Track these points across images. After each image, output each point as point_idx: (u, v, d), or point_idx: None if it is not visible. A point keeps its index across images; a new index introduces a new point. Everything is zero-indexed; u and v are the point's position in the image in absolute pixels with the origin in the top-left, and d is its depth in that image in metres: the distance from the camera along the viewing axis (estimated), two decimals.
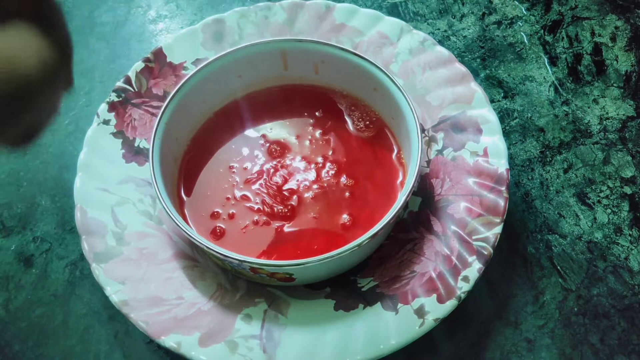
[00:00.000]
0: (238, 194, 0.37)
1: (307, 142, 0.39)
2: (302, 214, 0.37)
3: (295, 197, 0.37)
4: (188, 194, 0.38)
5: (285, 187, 0.37)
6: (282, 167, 0.38)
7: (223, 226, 0.36)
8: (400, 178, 0.38)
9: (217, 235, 0.36)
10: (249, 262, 0.32)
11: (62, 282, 0.38)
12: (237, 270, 0.34)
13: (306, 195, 0.37)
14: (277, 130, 0.40)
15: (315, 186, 0.37)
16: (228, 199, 0.37)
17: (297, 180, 0.38)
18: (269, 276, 0.33)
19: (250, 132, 0.40)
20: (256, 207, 0.37)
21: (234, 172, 0.38)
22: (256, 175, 0.38)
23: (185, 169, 0.38)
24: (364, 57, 0.37)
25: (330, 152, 0.39)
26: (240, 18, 0.43)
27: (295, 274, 0.33)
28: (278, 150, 0.39)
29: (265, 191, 0.37)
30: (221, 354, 0.32)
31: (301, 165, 0.38)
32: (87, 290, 0.37)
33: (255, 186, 0.38)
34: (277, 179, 0.38)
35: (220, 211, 0.37)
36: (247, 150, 0.39)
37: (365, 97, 0.40)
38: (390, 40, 0.42)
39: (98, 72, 0.46)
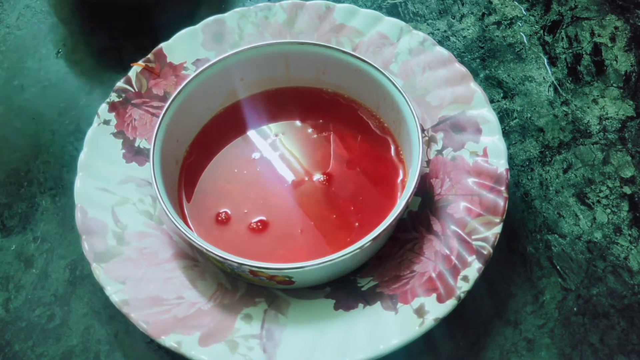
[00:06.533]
0: (239, 194, 0.37)
1: (309, 144, 0.39)
2: (303, 216, 0.37)
3: (296, 199, 0.37)
4: (189, 195, 0.38)
5: (287, 188, 0.38)
6: (283, 168, 0.38)
7: (223, 228, 0.36)
8: (401, 176, 0.38)
9: (218, 236, 0.36)
10: (248, 264, 0.32)
11: (62, 282, 0.38)
12: (236, 272, 0.34)
13: (307, 197, 0.37)
14: (278, 131, 0.40)
15: (316, 188, 0.38)
16: (229, 200, 0.37)
17: (299, 182, 0.38)
18: (268, 279, 0.33)
19: (252, 134, 0.40)
20: (257, 208, 0.37)
21: (235, 172, 0.38)
22: (257, 176, 0.38)
23: (186, 171, 0.38)
24: (366, 60, 0.37)
25: (331, 154, 0.39)
26: (241, 18, 0.44)
27: (295, 277, 0.33)
28: (279, 151, 0.39)
29: (267, 192, 0.37)
30: (221, 353, 0.32)
31: (302, 166, 0.38)
32: (87, 290, 0.37)
33: (256, 187, 0.38)
34: (279, 179, 0.38)
35: (221, 212, 0.37)
36: (248, 152, 0.39)
37: (367, 99, 0.40)
38: (390, 41, 0.42)
39: (98, 72, 0.46)
